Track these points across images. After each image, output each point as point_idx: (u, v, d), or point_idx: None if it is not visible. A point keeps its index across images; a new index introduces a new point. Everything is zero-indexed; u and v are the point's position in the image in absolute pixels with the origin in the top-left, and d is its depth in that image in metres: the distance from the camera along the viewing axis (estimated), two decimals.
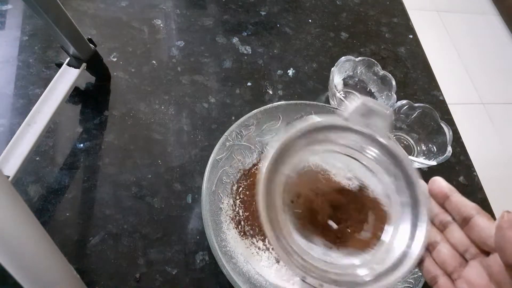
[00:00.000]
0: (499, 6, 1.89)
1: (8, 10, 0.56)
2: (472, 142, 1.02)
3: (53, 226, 0.42)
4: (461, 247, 0.27)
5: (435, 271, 0.28)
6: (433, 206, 0.29)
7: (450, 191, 0.28)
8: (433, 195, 0.29)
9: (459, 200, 0.27)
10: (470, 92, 1.60)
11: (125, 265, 0.41)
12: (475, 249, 0.26)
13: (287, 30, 0.64)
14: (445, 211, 0.28)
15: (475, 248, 0.26)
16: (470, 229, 0.26)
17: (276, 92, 0.57)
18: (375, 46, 0.65)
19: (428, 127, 0.53)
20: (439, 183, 0.28)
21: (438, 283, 0.27)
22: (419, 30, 0.71)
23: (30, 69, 0.51)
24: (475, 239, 0.26)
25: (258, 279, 0.41)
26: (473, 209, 0.26)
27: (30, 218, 0.26)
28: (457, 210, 0.27)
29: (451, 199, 0.28)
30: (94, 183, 0.46)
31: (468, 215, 0.26)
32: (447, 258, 0.27)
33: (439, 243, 0.28)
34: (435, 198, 0.29)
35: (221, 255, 0.40)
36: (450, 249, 0.27)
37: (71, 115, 0.50)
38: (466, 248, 0.27)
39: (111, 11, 0.59)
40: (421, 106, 0.53)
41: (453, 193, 0.28)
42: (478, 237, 0.26)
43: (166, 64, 0.56)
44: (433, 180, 0.29)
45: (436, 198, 0.29)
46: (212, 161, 0.45)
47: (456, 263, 0.27)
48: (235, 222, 0.44)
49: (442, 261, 0.27)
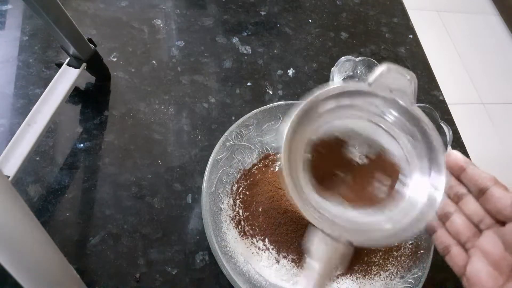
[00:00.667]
0: (499, 6, 1.89)
1: (8, 10, 0.56)
2: (472, 142, 1.02)
3: (53, 226, 0.42)
4: (476, 217, 0.27)
5: (448, 241, 0.27)
6: (450, 177, 0.29)
7: (466, 163, 0.27)
8: (449, 167, 0.28)
9: (475, 172, 0.27)
10: (470, 92, 1.60)
11: (125, 265, 0.41)
12: (490, 219, 0.26)
13: (287, 30, 0.64)
14: (460, 184, 0.28)
15: (490, 218, 0.26)
16: (486, 199, 0.26)
17: (276, 92, 0.57)
18: (375, 46, 0.65)
19: None
20: (455, 156, 0.28)
21: (451, 252, 0.27)
22: (419, 30, 0.71)
23: (30, 69, 0.51)
24: (491, 209, 0.26)
25: (258, 279, 0.41)
26: (489, 180, 0.26)
27: (30, 218, 0.26)
28: (473, 182, 0.27)
29: (467, 171, 0.27)
30: (94, 183, 0.46)
31: (485, 186, 0.26)
32: (461, 228, 0.27)
33: (453, 213, 0.28)
34: (451, 171, 0.28)
35: (221, 255, 0.40)
36: (465, 220, 0.27)
37: (71, 115, 0.50)
38: (481, 218, 0.26)
39: (111, 11, 0.59)
40: (421, 106, 0.53)
41: (469, 165, 0.27)
42: (494, 207, 0.25)
43: (166, 64, 0.56)
44: (449, 153, 0.28)
45: (452, 170, 0.28)
46: (212, 161, 0.45)
47: (470, 233, 0.27)
48: (235, 222, 0.44)
49: (455, 231, 0.27)
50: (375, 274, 0.43)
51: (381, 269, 0.43)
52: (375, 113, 0.34)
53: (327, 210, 0.30)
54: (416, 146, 0.33)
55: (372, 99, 0.33)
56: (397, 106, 0.33)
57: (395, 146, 0.34)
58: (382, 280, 0.43)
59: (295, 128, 0.31)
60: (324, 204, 0.31)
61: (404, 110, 0.33)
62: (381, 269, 0.43)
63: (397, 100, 0.32)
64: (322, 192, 0.32)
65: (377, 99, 0.33)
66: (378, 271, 0.43)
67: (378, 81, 0.32)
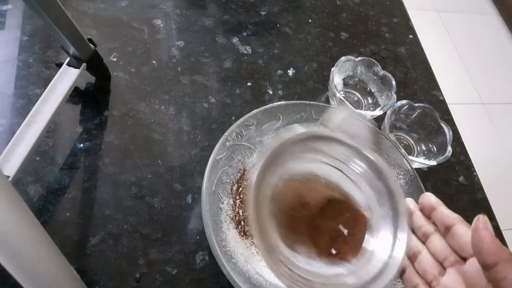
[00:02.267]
0: (499, 6, 1.89)
1: (8, 10, 0.56)
2: (472, 142, 1.02)
3: (53, 226, 0.42)
4: (441, 255, 0.28)
5: (416, 280, 0.29)
6: (418, 218, 0.30)
7: (437, 204, 0.29)
8: (422, 208, 0.30)
9: (444, 211, 0.29)
10: (470, 92, 1.60)
11: (125, 265, 0.41)
12: (454, 256, 0.27)
13: (287, 30, 0.64)
14: (428, 223, 0.30)
15: (454, 255, 0.28)
16: (450, 236, 0.28)
17: (276, 92, 0.57)
18: (375, 46, 0.65)
19: (428, 127, 0.53)
20: (429, 197, 0.30)
21: None
22: (419, 30, 0.71)
23: (30, 69, 0.51)
24: (455, 246, 0.27)
25: (258, 279, 0.41)
26: (455, 219, 0.28)
27: (30, 218, 0.26)
28: (441, 220, 0.29)
29: (437, 210, 0.29)
30: (94, 183, 0.46)
31: (450, 223, 0.28)
32: (427, 267, 0.28)
33: (421, 253, 0.29)
34: (424, 211, 0.30)
35: (221, 255, 0.40)
36: (431, 259, 0.29)
37: (71, 115, 0.50)
38: (445, 256, 0.28)
39: (111, 11, 0.59)
40: (421, 106, 0.53)
41: (439, 205, 0.29)
42: (457, 244, 0.27)
43: (166, 64, 0.56)
44: (424, 195, 0.30)
45: (424, 210, 0.30)
46: (212, 161, 0.45)
47: (436, 272, 0.28)
48: (235, 222, 0.44)
49: (423, 270, 0.29)
50: None
51: None
52: (338, 159, 0.35)
53: (296, 265, 0.31)
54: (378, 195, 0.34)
55: (335, 145, 0.34)
56: (359, 154, 0.34)
57: (359, 194, 0.35)
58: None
59: (260, 179, 0.31)
60: (292, 257, 0.32)
61: (365, 158, 0.34)
62: None
63: (359, 148, 0.33)
64: (291, 243, 0.33)
65: (340, 145, 0.34)
66: None
67: (339, 127, 0.33)
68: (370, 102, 0.57)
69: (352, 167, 0.35)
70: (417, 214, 0.31)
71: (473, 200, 0.54)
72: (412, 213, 0.30)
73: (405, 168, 0.46)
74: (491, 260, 0.23)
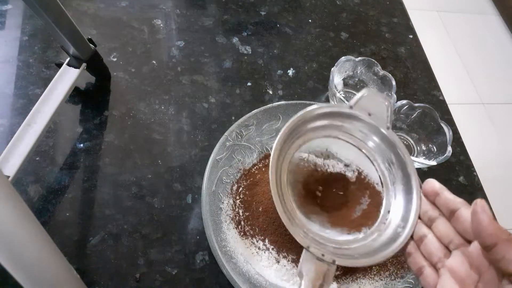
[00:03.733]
0: (499, 6, 1.89)
1: (8, 10, 0.56)
2: (472, 142, 1.02)
3: (53, 226, 0.42)
4: (446, 238, 0.29)
5: (421, 263, 0.30)
6: (423, 203, 0.31)
7: (441, 189, 0.30)
8: (426, 194, 0.31)
9: (448, 196, 0.29)
10: (470, 92, 1.60)
11: (125, 265, 0.41)
12: (458, 239, 0.28)
13: (287, 30, 0.64)
14: (434, 208, 0.30)
15: (458, 238, 0.28)
16: (455, 220, 0.28)
17: (276, 92, 0.57)
18: (375, 46, 0.65)
19: (428, 127, 0.53)
20: (432, 183, 0.31)
21: (424, 273, 0.29)
22: (419, 30, 0.71)
23: (30, 69, 0.51)
24: (460, 230, 0.28)
25: (258, 279, 0.41)
26: (459, 203, 0.28)
27: (30, 218, 0.26)
28: (445, 205, 0.29)
29: (441, 195, 0.30)
30: (94, 183, 0.46)
31: (455, 207, 0.28)
32: (433, 250, 0.29)
33: (427, 236, 0.30)
34: (427, 197, 0.31)
35: (221, 255, 0.40)
36: (436, 242, 0.29)
37: (71, 115, 0.50)
38: (450, 239, 0.28)
39: (111, 11, 0.59)
40: (421, 106, 0.53)
41: (443, 191, 0.30)
42: (462, 227, 0.28)
43: (166, 64, 0.56)
44: (427, 181, 0.31)
45: (428, 196, 0.31)
46: (212, 161, 0.45)
47: (441, 254, 0.29)
48: (235, 222, 0.43)
49: (428, 253, 0.29)
50: (375, 274, 0.43)
51: (381, 269, 0.43)
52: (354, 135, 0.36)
53: (311, 230, 0.32)
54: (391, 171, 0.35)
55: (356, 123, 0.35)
56: (377, 132, 0.35)
57: (372, 170, 0.36)
58: (382, 280, 0.43)
59: (281, 147, 0.33)
60: (307, 224, 0.33)
61: (383, 136, 0.35)
62: (381, 269, 0.43)
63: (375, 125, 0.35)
64: (305, 212, 0.34)
65: (357, 121, 0.35)
66: (378, 271, 0.43)
67: (358, 104, 0.35)
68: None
69: (368, 143, 0.36)
70: (422, 199, 0.31)
71: (473, 200, 0.54)
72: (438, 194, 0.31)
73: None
74: (490, 241, 0.24)
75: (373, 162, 0.36)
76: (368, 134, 0.36)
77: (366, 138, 0.36)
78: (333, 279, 0.43)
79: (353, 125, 0.36)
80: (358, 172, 0.37)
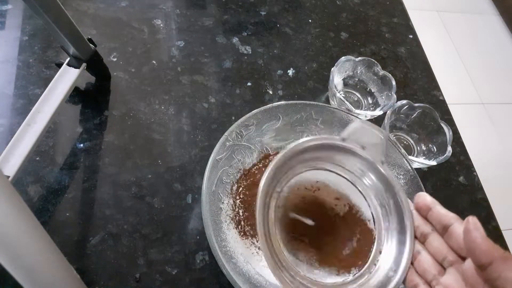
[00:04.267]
0: (499, 6, 1.89)
1: (8, 10, 0.56)
2: (472, 142, 1.02)
3: (53, 226, 0.42)
4: (440, 255, 0.28)
5: (416, 280, 0.29)
6: (415, 218, 0.30)
7: (433, 203, 0.29)
8: (418, 208, 0.30)
9: (440, 211, 0.29)
10: (470, 92, 1.60)
11: (125, 265, 0.41)
12: (453, 256, 0.28)
13: (287, 30, 0.64)
14: (426, 223, 0.30)
15: (453, 255, 0.28)
16: (449, 236, 0.28)
17: (276, 92, 0.57)
18: (375, 46, 0.65)
19: (428, 127, 0.53)
20: (424, 197, 0.30)
21: None
22: (419, 30, 0.71)
23: (30, 69, 0.51)
24: (453, 246, 0.28)
25: (258, 279, 0.41)
26: (452, 218, 0.28)
27: (30, 218, 0.26)
28: (438, 220, 0.29)
29: (433, 210, 0.29)
30: (94, 183, 0.46)
31: (448, 223, 0.28)
32: (427, 267, 0.29)
33: (420, 253, 0.29)
34: (419, 211, 0.30)
35: (221, 255, 0.40)
36: (430, 259, 0.29)
37: (71, 115, 0.50)
38: (444, 256, 0.28)
39: (111, 11, 0.59)
40: (421, 106, 0.53)
41: (435, 205, 0.29)
42: (456, 244, 0.27)
43: (166, 64, 0.56)
44: (418, 195, 0.30)
45: (420, 211, 0.30)
46: (212, 161, 0.45)
47: (435, 271, 0.28)
48: (235, 222, 0.43)
49: (422, 270, 0.29)
50: None
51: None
52: (348, 169, 0.35)
53: (299, 273, 0.31)
54: (385, 208, 0.34)
55: (349, 156, 0.34)
56: (371, 167, 0.33)
57: (365, 205, 0.35)
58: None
59: (269, 183, 0.31)
60: (295, 265, 0.32)
61: (377, 171, 0.33)
62: None
63: (370, 160, 0.33)
64: (293, 249, 0.33)
65: (350, 155, 0.34)
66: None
67: (351, 137, 0.33)
68: (370, 102, 0.57)
69: (361, 178, 0.35)
70: (414, 214, 0.31)
71: (473, 200, 0.54)
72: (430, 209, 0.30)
73: (405, 168, 0.46)
74: (485, 260, 0.24)
75: (365, 198, 0.35)
76: (362, 168, 0.34)
77: (360, 172, 0.34)
78: None
79: (346, 158, 0.34)
80: (349, 207, 0.36)
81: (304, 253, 0.33)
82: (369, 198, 0.35)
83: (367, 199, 0.35)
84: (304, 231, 0.35)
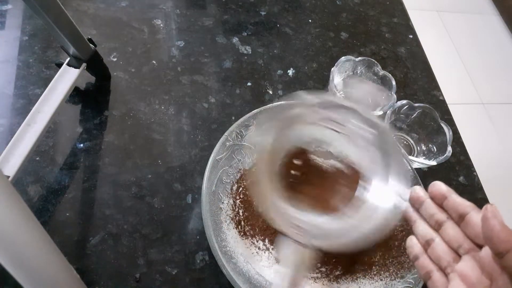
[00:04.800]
0: (499, 6, 1.89)
1: (8, 10, 0.56)
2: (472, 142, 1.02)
3: (53, 226, 0.42)
4: (455, 243, 0.28)
5: (429, 267, 0.29)
6: (430, 206, 0.30)
7: (449, 192, 0.29)
8: (433, 197, 0.30)
9: (456, 200, 0.29)
10: (470, 92, 1.60)
11: (125, 265, 0.41)
12: (468, 244, 0.27)
13: (287, 30, 0.64)
14: (441, 211, 0.30)
15: (468, 243, 0.27)
16: (465, 225, 0.28)
17: (276, 92, 0.57)
18: (375, 46, 0.65)
19: (428, 127, 0.53)
20: (439, 186, 0.30)
21: (432, 278, 0.28)
22: (419, 30, 0.71)
23: (30, 69, 0.51)
24: (470, 234, 0.27)
25: (258, 279, 0.41)
26: (469, 207, 0.28)
27: (30, 218, 0.26)
28: (454, 208, 0.28)
29: (449, 199, 0.29)
30: (94, 183, 0.46)
31: (464, 211, 0.28)
32: (441, 254, 0.28)
33: (434, 240, 0.29)
34: (435, 199, 0.30)
35: (221, 255, 0.40)
36: (444, 246, 0.29)
37: (71, 115, 0.50)
38: (459, 244, 0.28)
39: (111, 11, 0.59)
40: (421, 106, 0.53)
41: (451, 194, 0.29)
42: (473, 232, 0.27)
43: (166, 64, 0.56)
44: (433, 184, 0.30)
45: (435, 199, 0.30)
46: (212, 161, 0.45)
47: (450, 258, 0.28)
48: (235, 222, 0.43)
49: (436, 257, 0.29)
50: (375, 274, 0.43)
51: (381, 269, 0.43)
52: (337, 121, 0.35)
53: (294, 217, 0.32)
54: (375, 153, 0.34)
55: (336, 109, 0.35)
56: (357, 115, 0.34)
57: (356, 153, 0.36)
58: (382, 280, 0.43)
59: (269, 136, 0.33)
60: (290, 211, 0.32)
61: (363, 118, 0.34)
62: (381, 269, 0.43)
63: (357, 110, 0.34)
64: (288, 199, 0.33)
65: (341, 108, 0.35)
66: (378, 271, 0.43)
67: None
68: (370, 102, 0.57)
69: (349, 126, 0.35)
70: (428, 202, 0.30)
71: (473, 200, 0.53)
72: (423, 201, 0.30)
73: (405, 168, 0.46)
74: (503, 248, 0.23)
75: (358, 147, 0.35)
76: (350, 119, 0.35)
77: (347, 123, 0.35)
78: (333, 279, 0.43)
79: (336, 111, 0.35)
80: (343, 157, 0.37)
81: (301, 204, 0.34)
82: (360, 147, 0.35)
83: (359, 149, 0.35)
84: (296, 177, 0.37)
